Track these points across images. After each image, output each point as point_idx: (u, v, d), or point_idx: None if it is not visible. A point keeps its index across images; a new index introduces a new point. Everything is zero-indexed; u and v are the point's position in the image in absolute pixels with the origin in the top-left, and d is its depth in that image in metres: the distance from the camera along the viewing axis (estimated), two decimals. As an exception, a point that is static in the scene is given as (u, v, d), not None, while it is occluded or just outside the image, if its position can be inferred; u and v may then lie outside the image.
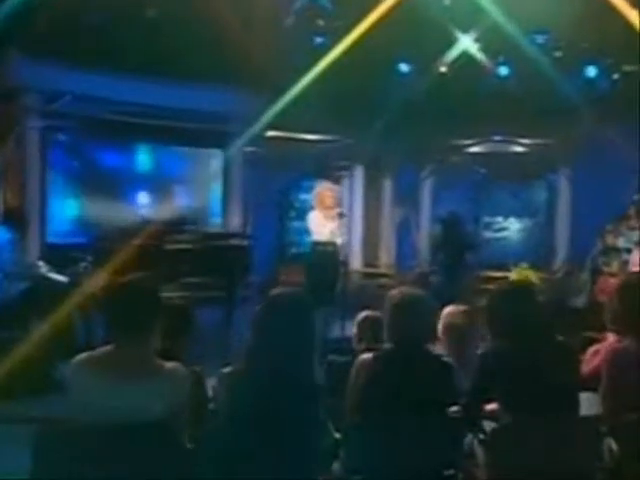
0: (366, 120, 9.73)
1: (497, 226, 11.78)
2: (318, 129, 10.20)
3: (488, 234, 11.86)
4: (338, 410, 2.48)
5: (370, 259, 11.39)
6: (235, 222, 9.74)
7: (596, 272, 8.40)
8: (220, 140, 9.31)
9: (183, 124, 8.67)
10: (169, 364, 2.38)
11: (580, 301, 8.77)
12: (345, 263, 6.60)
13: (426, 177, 11.36)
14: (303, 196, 11.26)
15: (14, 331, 4.99)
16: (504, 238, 11.66)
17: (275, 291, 2.52)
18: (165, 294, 2.58)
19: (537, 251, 11.09)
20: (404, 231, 11.30)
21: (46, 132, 8.04)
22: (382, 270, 11.29)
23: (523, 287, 3.02)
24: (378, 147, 10.63)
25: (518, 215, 11.43)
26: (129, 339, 2.31)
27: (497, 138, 10.81)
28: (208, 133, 9.05)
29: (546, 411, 2.66)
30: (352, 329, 3.70)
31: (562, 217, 10.85)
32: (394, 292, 2.78)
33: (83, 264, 5.71)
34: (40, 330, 4.77)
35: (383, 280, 11.35)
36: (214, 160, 9.85)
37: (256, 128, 9.07)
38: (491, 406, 2.78)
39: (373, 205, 11.44)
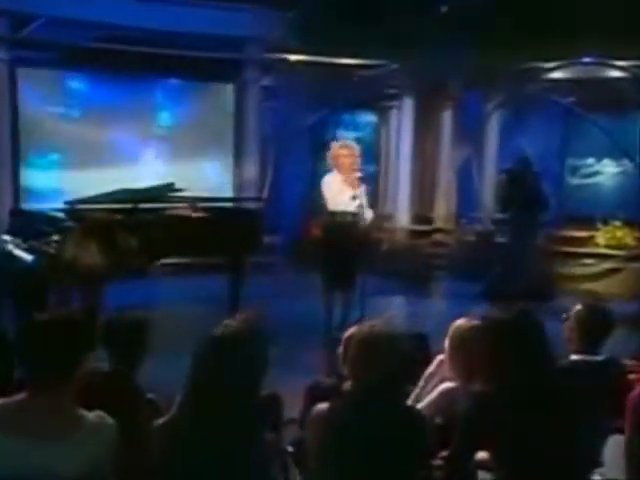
0: (416, 37, 9.57)
1: (587, 170, 11.56)
2: (356, 51, 10.11)
3: (575, 180, 11.67)
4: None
5: (423, 210, 11.39)
6: (251, 173, 9.86)
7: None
8: (231, 71, 9.37)
9: (185, 52, 8.75)
10: (91, 415, 2.55)
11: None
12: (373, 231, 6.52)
13: (494, 109, 11.16)
14: (341, 133, 11.28)
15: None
16: (595, 185, 11.46)
17: (222, 325, 2.66)
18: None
19: (637, 203, 10.88)
20: (465, 178, 11.22)
21: (15, 65, 8.23)
22: (438, 224, 11.30)
23: (532, 316, 3.06)
24: (433, 72, 10.49)
25: (614, 156, 11.15)
26: (47, 385, 2.48)
27: (588, 59, 10.48)
28: (217, 63, 9.10)
29: (551, 466, 2.75)
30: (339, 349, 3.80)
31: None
32: (361, 327, 2.86)
33: (55, 237, 5.92)
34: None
35: (438, 236, 11.40)
36: (224, 96, 9.98)
37: (276, 53, 9.09)
38: (481, 454, 2.88)
39: (427, 144, 11.36)
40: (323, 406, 2.73)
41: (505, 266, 9.35)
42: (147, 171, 9.44)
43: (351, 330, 3.63)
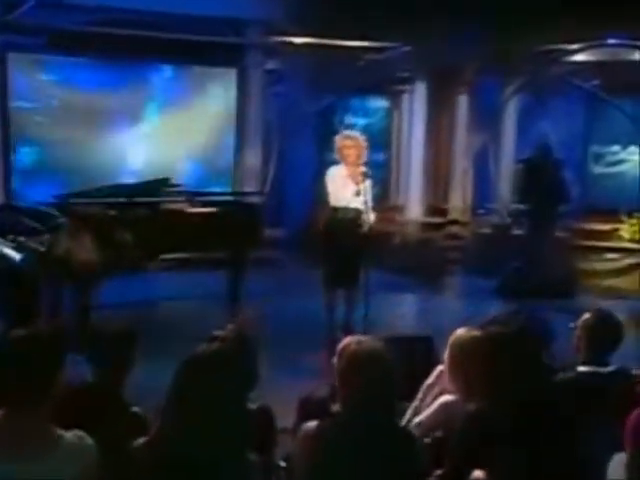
0: (430, 17, 9.54)
1: (611, 158, 11.51)
2: (367, 33, 10.08)
3: (598, 169, 11.63)
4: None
5: (437, 201, 11.39)
6: (252, 163, 9.89)
7: None
8: (233, 55, 9.38)
9: (183, 36, 8.77)
10: (70, 435, 2.59)
11: None
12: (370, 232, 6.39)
13: (513, 94, 11.12)
14: (351, 119, 11.29)
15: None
16: (620, 174, 11.41)
17: (205, 344, 2.71)
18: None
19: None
20: (481, 167, 11.20)
21: (5, 49, 8.29)
22: (453, 216, 11.30)
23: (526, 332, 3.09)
24: (448, 54, 10.45)
25: (640, 143, 11.12)
26: (22, 405, 2.50)
27: (612, 41, 10.41)
28: (217, 47, 9.12)
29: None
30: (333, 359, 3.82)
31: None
32: (349, 342, 2.88)
33: (45, 234, 5.98)
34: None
35: (453, 229, 11.39)
36: (224, 81, 10.00)
37: (280, 36, 9.09)
38: (477, 473, 2.91)
39: (440, 131, 11.33)
40: (312, 425, 2.77)
41: (523, 261, 9.35)
42: (138, 160, 9.56)
43: (345, 341, 3.66)
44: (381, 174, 10.79)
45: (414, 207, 11.00)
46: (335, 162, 6.59)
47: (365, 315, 5.92)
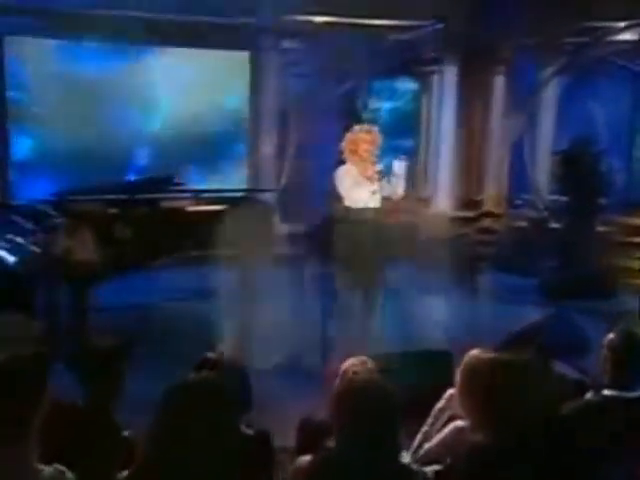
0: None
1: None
2: (392, 11, 10.06)
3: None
4: None
5: (469, 193, 11.33)
6: (268, 153, 9.92)
7: None
8: (246, 37, 9.39)
9: (190, 18, 8.83)
10: (49, 470, 2.60)
11: None
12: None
13: (553, 75, 11.04)
14: (376, 104, 11.28)
15: None
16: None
17: (192, 375, 2.76)
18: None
19: None
20: (516, 155, 11.13)
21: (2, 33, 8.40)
22: (487, 208, 11.23)
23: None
24: (481, 33, 10.40)
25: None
26: (4, 438, 2.56)
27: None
28: (229, 29, 9.14)
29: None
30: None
31: None
32: (349, 367, 2.90)
33: (42, 233, 6.06)
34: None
35: (486, 222, 11.33)
36: (237, 65, 10.02)
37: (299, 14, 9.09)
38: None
39: (473, 115, 11.26)
40: (305, 460, 2.81)
41: (560, 258, 9.30)
42: (144, 154, 9.63)
43: (347, 363, 3.69)
44: (408, 162, 10.72)
45: (444, 199, 10.95)
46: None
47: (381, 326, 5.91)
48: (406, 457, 3.44)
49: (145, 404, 2.68)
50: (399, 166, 6.35)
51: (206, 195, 7.13)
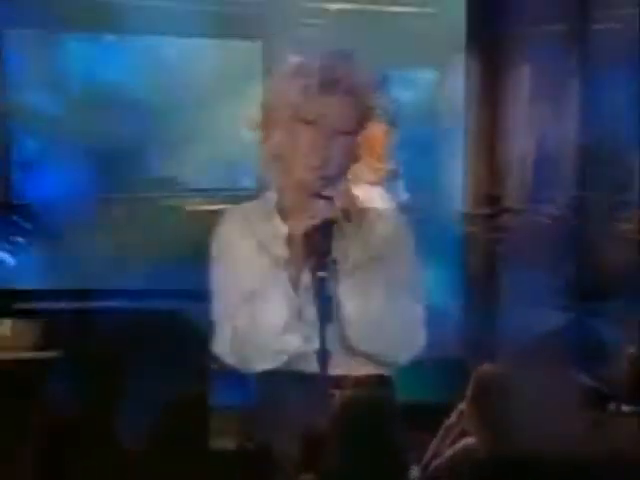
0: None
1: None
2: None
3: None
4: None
5: (490, 188, 11.27)
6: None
7: None
8: (258, 26, 9.38)
9: (201, 7, 8.80)
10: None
11: None
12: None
13: (580, 63, 10.92)
14: (400, 93, 11.23)
15: None
16: None
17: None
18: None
19: None
20: (540, 148, 11.06)
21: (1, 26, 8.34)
22: (507, 204, 11.17)
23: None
24: (504, 20, 10.33)
25: None
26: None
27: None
28: (240, 18, 9.14)
29: None
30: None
31: None
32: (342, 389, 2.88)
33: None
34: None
35: (505, 218, 11.25)
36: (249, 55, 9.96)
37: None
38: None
39: (494, 107, 11.22)
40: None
41: (583, 257, 9.26)
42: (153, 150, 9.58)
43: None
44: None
45: (460, 194, 10.93)
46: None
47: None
48: (416, 472, 3.47)
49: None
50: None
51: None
